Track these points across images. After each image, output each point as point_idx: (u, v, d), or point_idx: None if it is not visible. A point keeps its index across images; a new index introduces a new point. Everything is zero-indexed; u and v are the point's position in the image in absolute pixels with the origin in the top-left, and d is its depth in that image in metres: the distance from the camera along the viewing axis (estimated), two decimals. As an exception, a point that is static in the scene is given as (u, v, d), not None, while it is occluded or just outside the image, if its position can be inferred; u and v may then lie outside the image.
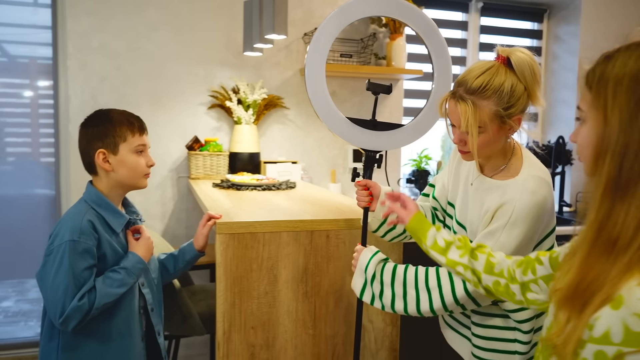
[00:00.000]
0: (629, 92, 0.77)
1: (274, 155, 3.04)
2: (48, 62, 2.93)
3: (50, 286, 1.32)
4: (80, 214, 1.40)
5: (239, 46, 2.91)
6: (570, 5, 3.67)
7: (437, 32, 1.58)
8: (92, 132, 1.44)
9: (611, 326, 0.70)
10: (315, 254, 1.62)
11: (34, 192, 3.07)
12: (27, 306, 3.10)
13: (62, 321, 1.31)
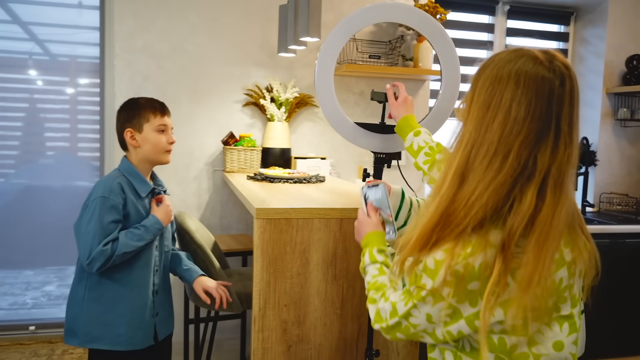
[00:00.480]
0: (484, 93, 0.90)
1: (304, 151, 3.18)
2: (90, 61, 3.14)
3: (82, 233, 1.62)
4: (112, 178, 1.70)
5: (273, 47, 3.07)
6: (597, 8, 3.72)
7: (445, 35, 1.70)
8: (123, 115, 1.75)
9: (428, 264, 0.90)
10: (344, 240, 1.76)
11: (74, 184, 3.28)
12: (68, 291, 3.31)
13: (88, 262, 1.60)
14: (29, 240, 3.21)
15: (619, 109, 3.68)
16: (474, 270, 0.85)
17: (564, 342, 0.93)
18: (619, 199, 3.69)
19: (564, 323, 0.93)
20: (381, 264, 1.15)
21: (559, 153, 0.87)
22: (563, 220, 0.89)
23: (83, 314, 1.67)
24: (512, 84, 0.87)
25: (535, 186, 0.86)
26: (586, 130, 3.77)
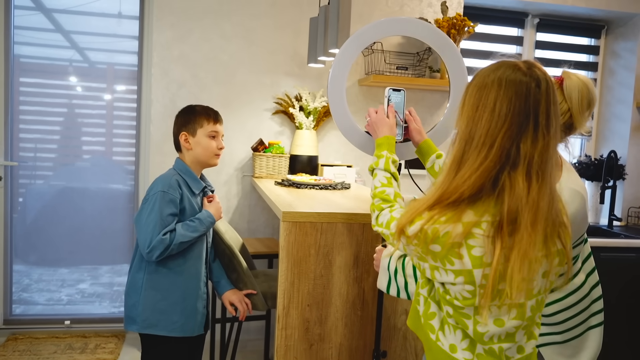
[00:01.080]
0: (473, 98, 1.07)
1: (331, 159, 3.27)
2: (127, 69, 3.29)
3: (143, 224, 1.77)
4: (170, 175, 1.87)
5: (302, 58, 3.17)
6: (628, 22, 3.71)
7: (454, 48, 1.76)
8: (181, 120, 1.93)
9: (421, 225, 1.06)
10: (366, 244, 1.83)
11: (109, 187, 3.42)
12: (101, 289, 3.45)
13: (149, 250, 1.75)
14: (65, 240, 3.38)
15: (649, 123, 3.65)
16: (437, 235, 1.03)
17: (504, 321, 1.07)
18: (648, 214, 3.66)
19: (512, 309, 1.06)
20: (392, 174, 1.43)
21: (538, 142, 1.03)
22: (548, 202, 1.04)
23: (141, 302, 1.83)
24: (496, 87, 1.04)
25: (523, 171, 1.02)
26: (615, 144, 3.75)
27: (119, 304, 3.48)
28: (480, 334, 1.07)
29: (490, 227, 1.02)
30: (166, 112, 3.07)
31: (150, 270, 1.84)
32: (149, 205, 1.79)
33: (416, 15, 3.29)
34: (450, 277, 1.05)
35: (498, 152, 1.02)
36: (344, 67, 1.70)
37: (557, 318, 1.49)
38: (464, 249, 1.02)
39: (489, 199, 1.04)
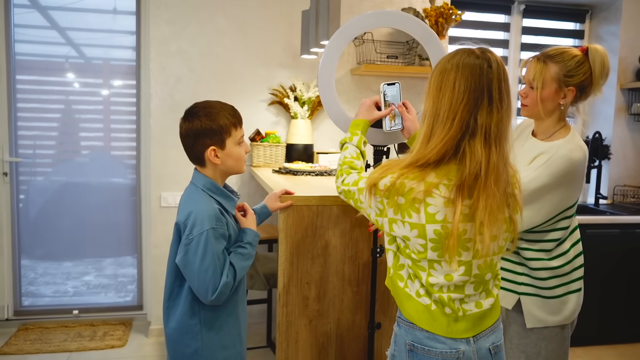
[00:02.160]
0: (436, 81, 1.25)
1: (326, 147, 3.38)
2: (124, 64, 3.38)
3: (197, 270, 1.49)
4: (208, 202, 1.55)
5: (296, 49, 3.27)
6: (611, 6, 3.82)
7: (435, 37, 1.87)
8: (199, 128, 1.55)
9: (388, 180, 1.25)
10: (360, 225, 1.95)
11: (109, 181, 3.49)
12: (105, 280, 3.57)
13: (215, 297, 1.51)
14: (68, 234, 3.47)
15: (633, 104, 3.77)
16: (404, 189, 1.21)
17: (453, 276, 1.24)
18: (633, 192, 3.79)
19: (461, 265, 1.24)
20: (361, 152, 1.58)
21: (493, 114, 1.21)
22: (504, 167, 1.22)
23: (204, 347, 1.59)
24: (454, 70, 1.22)
25: (480, 139, 1.20)
26: (600, 124, 3.87)
27: (124, 293, 3.59)
28: (431, 284, 1.25)
29: (447, 190, 1.20)
30: (165, 105, 3.17)
31: (206, 314, 1.59)
32: (200, 247, 1.49)
33: (405, 5, 3.39)
34: (406, 229, 1.23)
35: (459, 124, 1.20)
36: (332, 59, 1.81)
37: (541, 274, 1.64)
38: (422, 205, 1.20)
39: (451, 163, 1.22)
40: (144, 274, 3.51)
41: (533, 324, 1.66)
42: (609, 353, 3.26)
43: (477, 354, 1.27)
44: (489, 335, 1.30)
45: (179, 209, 1.59)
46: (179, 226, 1.54)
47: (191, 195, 1.60)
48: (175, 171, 3.22)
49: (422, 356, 1.26)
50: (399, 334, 1.32)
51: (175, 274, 1.58)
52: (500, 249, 1.28)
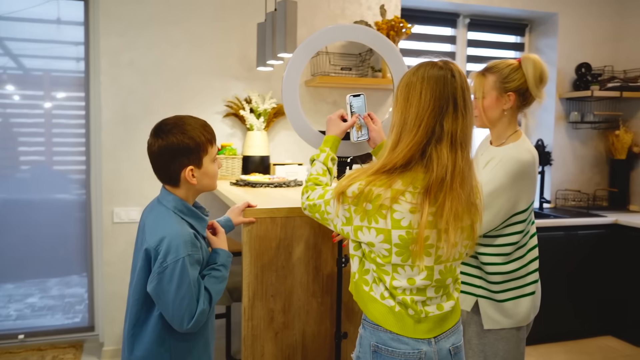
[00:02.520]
0: (403, 93, 1.32)
1: (282, 158, 3.39)
2: (68, 75, 3.26)
3: (172, 299, 1.41)
4: (181, 226, 1.47)
5: (251, 61, 3.27)
6: (549, 20, 4.05)
7: (394, 49, 1.93)
8: (176, 146, 1.46)
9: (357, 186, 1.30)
10: (322, 235, 1.97)
11: (54, 197, 3.34)
12: (52, 301, 3.41)
13: (191, 326, 1.44)
14: (9, 254, 3.29)
15: (571, 113, 4.00)
16: (371, 196, 1.26)
17: (415, 279, 1.30)
18: (573, 195, 4.01)
19: (423, 270, 1.30)
20: (328, 169, 1.60)
21: (459, 120, 1.28)
22: (469, 171, 1.29)
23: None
24: (420, 81, 1.29)
25: (447, 144, 1.27)
26: (542, 133, 4.07)
27: (73, 314, 3.45)
28: (395, 287, 1.31)
29: (413, 197, 1.25)
30: (117, 118, 3.09)
31: (176, 342, 1.51)
32: (175, 275, 1.41)
33: (357, 18, 3.46)
34: (372, 235, 1.29)
35: (424, 130, 1.26)
36: (296, 72, 1.83)
37: (495, 278, 1.72)
38: (388, 211, 1.26)
39: (417, 169, 1.27)
40: (95, 293, 3.39)
41: (490, 326, 1.73)
42: (557, 350, 3.42)
43: (438, 354, 1.33)
44: (450, 336, 1.36)
45: (147, 232, 1.48)
46: (149, 252, 1.43)
47: (161, 217, 1.49)
48: (129, 186, 3.14)
49: (386, 357, 1.32)
50: (364, 336, 1.37)
51: (142, 300, 1.48)
52: (460, 255, 1.35)
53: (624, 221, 3.51)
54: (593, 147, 4.12)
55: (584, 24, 4.02)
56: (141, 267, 1.47)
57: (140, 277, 1.47)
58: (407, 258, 1.28)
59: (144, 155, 3.08)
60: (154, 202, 1.58)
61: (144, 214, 1.58)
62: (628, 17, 4.05)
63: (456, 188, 1.26)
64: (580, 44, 4.02)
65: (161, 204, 1.53)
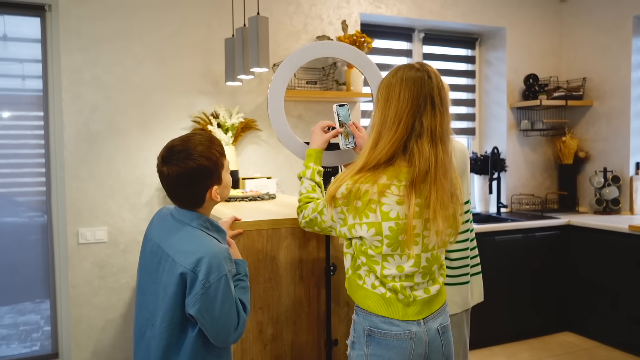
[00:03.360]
0: (383, 93, 1.42)
1: (250, 172, 3.39)
2: (13, 94, 3.14)
3: (218, 317, 1.40)
4: (214, 244, 1.45)
5: (216, 76, 3.27)
6: (497, 34, 4.27)
7: (372, 63, 2.02)
8: (196, 172, 1.44)
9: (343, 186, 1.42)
10: (307, 245, 2.00)
11: (2, 221, 3.18)
12: (5, 331, 3.25)
13: (237, 335, 1.45)
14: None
15: (521, 121, 4.22)
16: (359, 193, 1.36)
17: (404, 267, 1.41)
18: (527, 199, 4.22)
19: (410, 258, 1.40)
20: (316, 183, 1.66)
21: (437, 116, 1.39)
22: (450, 163, 1.40)
23: None
24: (399, 82, 1.40)
25: (427, 139, 1.37)
26: (496, 140, 4.28)
27: (30, 343, 3.29)
28: (385, 276, 1.41)
29: (398, 189, 1.35)
30: (80, 136, 3.01)
31: (214, 353, 1.50)
32: (219, 294, 1.39)
33: (319, 33, 3.54)
34: (364, 230, 1.39)
35: (404, 126, 1.36)
36: (281, 85, 1.88)
37: (457, 263, 1.98)
38: (376, 205, 1.36)
39: (400, 164, 1.36)
40: (59, 318, 3.25)
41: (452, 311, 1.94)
42: (522, 348, 3.57)
43: (427, 334, 1.43)
44: (437, 317, 1.47)
45: (178, 255, 1.42)
46: (185, 275, 1.39)
47: (191, 238, 1.45)
48: (95, 205, 3.05)
49: (379, 339, 1.41)
50: (357, 322, 1.47)
51: (175, 324, 1.43)
52: (444, 243, 1.45)
53: (576, 222, 3.73)
54: (542, 153, 4.36)
55: (529, 37, 4.27)
56: (175, 292, 1.41)
57: (173, 302, 1.42)
58: (396, 248, 1.38)
59: (109, 172, 3.04)
60: (171, 221, 1.52)
61: (158, 234, 1.52)
62: (567, 32, 4.35)
63: (440, 179, 1.36)
64: (527, 56, 4.27)
65: (184, 223, 1.49)
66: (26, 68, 3.16)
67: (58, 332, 3.26)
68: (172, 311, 1.42)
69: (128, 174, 3.12)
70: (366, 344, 1.43)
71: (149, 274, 1.51)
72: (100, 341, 3.10)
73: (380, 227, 1.36)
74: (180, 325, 1.44)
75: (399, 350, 1.40)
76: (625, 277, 3.40)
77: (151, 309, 1.49)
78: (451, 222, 1.42)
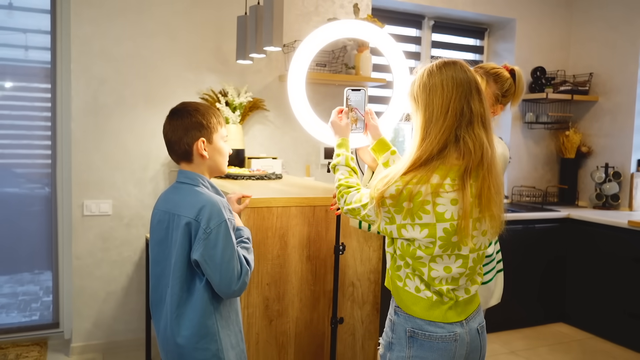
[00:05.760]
0: (422, 91, 1.36)
1: (256, 152, 3.40)
2: (19, 64, 3.12)
3: (220, 262, 1.47)
4: (212, 195, 1.55)
5: (225, 54, 3.26)
6: (507, 25, 4.27)
7: (397, 47, 1.97)
8: (189, 122, 1.57)
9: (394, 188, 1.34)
10: (316, 225, 2.02)
11: (4, 191, 3.18)
12: (4, 300, 3.27)
13: (239, 287, 1.50)
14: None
15: (527, 114, 4.24)
16: (412, 194, 1.29)
17: (452, 268, 1.35)
18: (528, 191, 4.25)
19: (459, 259, 1.35)
20: (352, 169, 1.61)
21: (483, 103, 1.35)
22: (498, 151, 1.38)
23: (223, 348, 1.56)
24: (438, 75, 1.35)
25: (479, 125, 1.33)
26: (500, 132, 4.29)
27: (29, 312, 3.32)
28: (432, 278, 1.35)
29: (452, 187, 1.30)
30: (88, 108, 3.01)
31: (221, 310, 1.57)
32: (220, 238, 1.48)
33: (330, 15, 3.52)
34: (416, 232, 1.32)
35: (453, 113, 1.31)
36: (303, 66, 1.82)
37: None
38: (430, 206, 1.30)
39: (452, 155, 1.32)
40: (61, 288, 3.28)
41: None
42: (515, 337, 3.62)
43: (469, 334, 1.40)
44: (476, 317, 1.44)
45: (182, 208, 1.52)
46: (190, 225, 1.48)
47: (191, 192, 1.55)
48: (101, 178, 3.06)
49: (423, 341, 1.36)
50: (397, 322, 1.41)
51: (184, 278, 1.51)
52: (488, 242, 1.42)
53: (575, 215, 3.77)
54: (545, 146, 4.39)
55: (539, 30, 4.27)
56: (181, 243, 1.50)
57: (180, 253, 1.50)
58: (447, 249, 1.33)
59: (116, 146, 3.05)
60: (174, 185, 1.62)
61: (164, 202, 1.61)
62: (576, 27, 4.34)
63: (493, 164, 1.33)
64: (535, 48, 4.27)
65: (183, 183, 1.59)
66: (33, 39, 3.15)
67: (60, 303, 3.29)
68: (182, 262, 1.50)
69: (134, 147, 3.12)
70: (408, 346, 1.38)
71: (160, 244, 1.58)
72: (102, 312, 3.13)
73: (434, 228, 1.30)
74: (189, 277, 1.52)
75: (443, 352, 1.36)
76: (622, 272, 3.45)
77: (167, 273, 1.55)
78: (496, 219, 1.37)
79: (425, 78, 1.36)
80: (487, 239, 1.39)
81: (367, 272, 2.13)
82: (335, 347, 1.94)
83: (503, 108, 1.84)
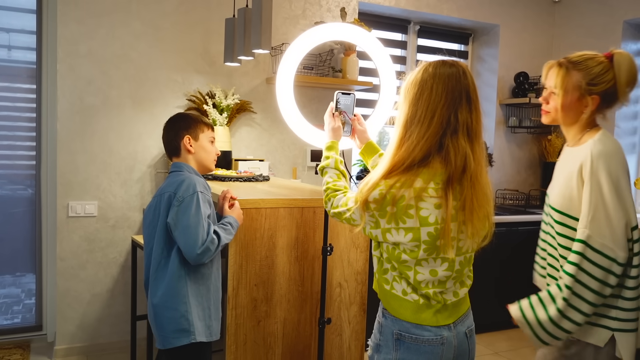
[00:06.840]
0: (412, 90, 1.34)
1: (242, 154, 3.41)
2: (5, 65, 3.12)
3: (187, 226, 1.67)
4: (195, 176, 1.81)
5: (212, 56, 3.27)
6: (491, 31, 4.33)
7: (384, 51, 2.01)
8: (179, 124, 1.87)
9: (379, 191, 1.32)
10: (304, 226, 2.04)
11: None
12: None
13: (201, 251, 1.66)
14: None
15: (510, 118, 4.31)
16: (395, 199, 1.29)
17: (438, 271, 1.35)
18: (511, 195, 4.31)
19: (444, 262, 1.35)
20: (341, 172, 1.62)
21: (473, 112, 1.32)
22: (486, 162, 1.35)
23: (191, 311, 1.72)
24: (431, 77, 1.32)
25: (463, 135, 1.30)
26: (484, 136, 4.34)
27: (11, 315, 3.27)
28: (419, 282, 1.35)
29: (436, 192, 1.29)
30: (73, 109, 2.99)
31: (192, 278, 1.75)
32: (190, 205, 1.69)
33: (317, 19, 3.55)
34: (400, 235, 1.31)
35: (439, 120, 1.29)
36: (291, 69, 1.87)
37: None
38: (414, 210, 1.29)
39: (435, 162, 1.30)
40: (44, 290, 3.24)
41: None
42: (500, 338, 3.67)
43: (457, 338, 1.39)
44: (464, 320, 1.44)
45: (165, 189, 1.77)
46: (170, 197, 1.73)
47: (175, 176, 1.80)
48: (86, 179, 3.04)
49: (410, 344, 1.36)
50: (385, 324, 1.41)
51: (163, 243, 1.74)
52: (477, 246, 1.40)
53: (557, 218, 3.83)
54: (528, 150, 4.46)
55: (522, 36, 4.34)
56: (162, 212, 1.74)
57: (162, 222, 1.75)
58: (432, 252, 1.32)
59: (102, 147, 3.03)
60: (168, 175, 1.86)
61: (158, 197, 1.81)
62: (559, 33, 4.43)
63: (477, 177, 1.30)
64: (518, 54, 4.34)
65: (174, 171, 1.84)
66: (17, 38, 3.12)
67: (43, 305, 3.25)
68: (162, 230, 1.75)
69: (121, 149, 3.10)
70: (394, 348, 1.38)
71: (150, 226, 1.81)
72: (86, 315, 3.10)
73: (418, 232, 1.29)
74: (166, 245, 1.75)
75: (430, 355, 1.35)
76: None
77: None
78: (484, 223, 1.34)
79: (419, 74, 1.34)
80: (475, 241, 1.37)
81: (354, 274, 2.15)
82: (323, 348, 1.96)
83: (597, 100, 1.52)
